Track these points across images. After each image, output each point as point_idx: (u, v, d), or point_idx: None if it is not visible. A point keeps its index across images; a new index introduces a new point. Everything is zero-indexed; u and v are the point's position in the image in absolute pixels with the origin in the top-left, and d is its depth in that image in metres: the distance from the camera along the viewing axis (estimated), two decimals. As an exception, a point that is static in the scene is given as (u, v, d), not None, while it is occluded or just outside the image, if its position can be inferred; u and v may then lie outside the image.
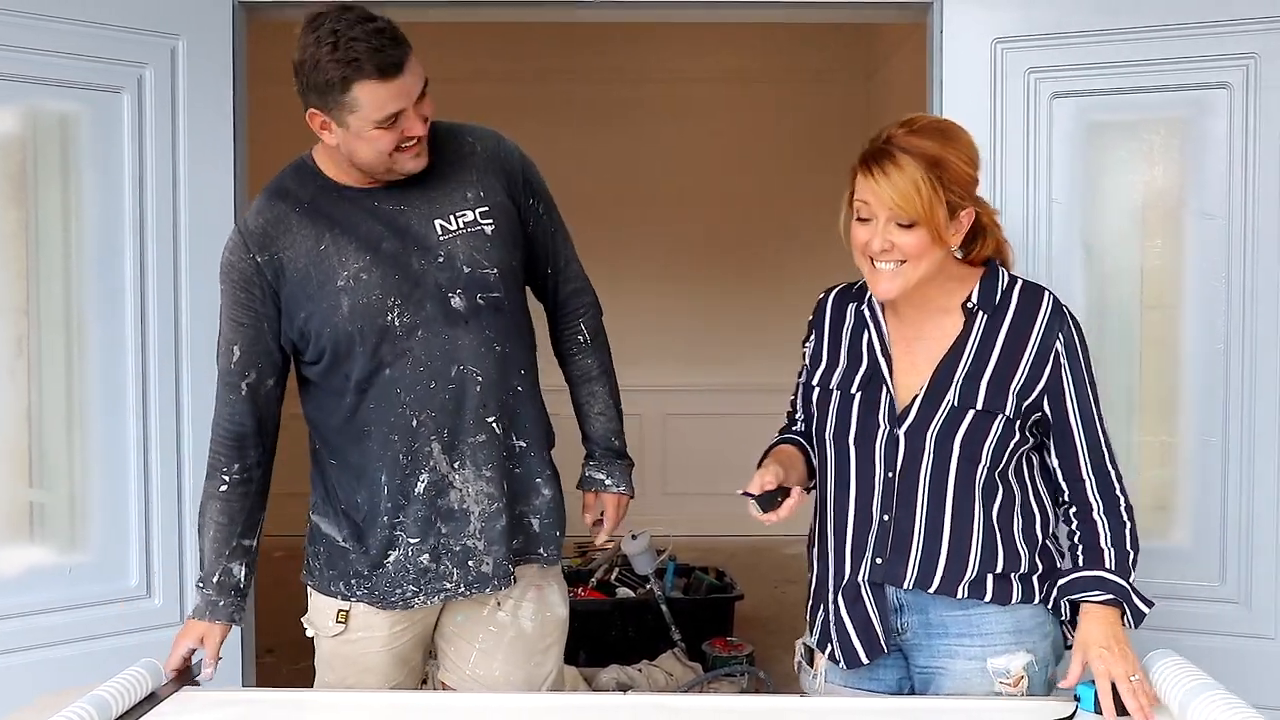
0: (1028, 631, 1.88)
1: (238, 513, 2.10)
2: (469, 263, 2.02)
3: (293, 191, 2.06)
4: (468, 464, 2.05)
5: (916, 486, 1.87)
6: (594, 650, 4.09)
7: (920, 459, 1.86)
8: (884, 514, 1.89)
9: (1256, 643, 2.60)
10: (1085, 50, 2.66)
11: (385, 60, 1.87)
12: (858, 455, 1.91)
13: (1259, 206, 2.58)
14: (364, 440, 2.05)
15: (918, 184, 1.76)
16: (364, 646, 2.12)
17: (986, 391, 1.83)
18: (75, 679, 1.96)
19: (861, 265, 1.86)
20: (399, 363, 2.01)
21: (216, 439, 2.10)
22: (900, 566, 1.88)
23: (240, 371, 2.06)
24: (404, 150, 1.96)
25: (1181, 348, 2.68)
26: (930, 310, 1.89)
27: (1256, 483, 2.60)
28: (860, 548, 1.92)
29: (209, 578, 2.09)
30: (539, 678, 2.19)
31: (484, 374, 2.04)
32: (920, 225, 1.78)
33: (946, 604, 1.88)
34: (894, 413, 1.87)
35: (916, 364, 1.89)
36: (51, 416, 2.65)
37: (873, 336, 1.93)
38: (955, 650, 1.89)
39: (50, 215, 2.64)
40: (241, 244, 2.04)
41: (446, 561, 2.06)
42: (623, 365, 2.33)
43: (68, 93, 2.62)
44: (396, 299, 2.00)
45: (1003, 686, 1.86)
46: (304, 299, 2.01)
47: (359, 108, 1.90)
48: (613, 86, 6.53)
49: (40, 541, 2.66)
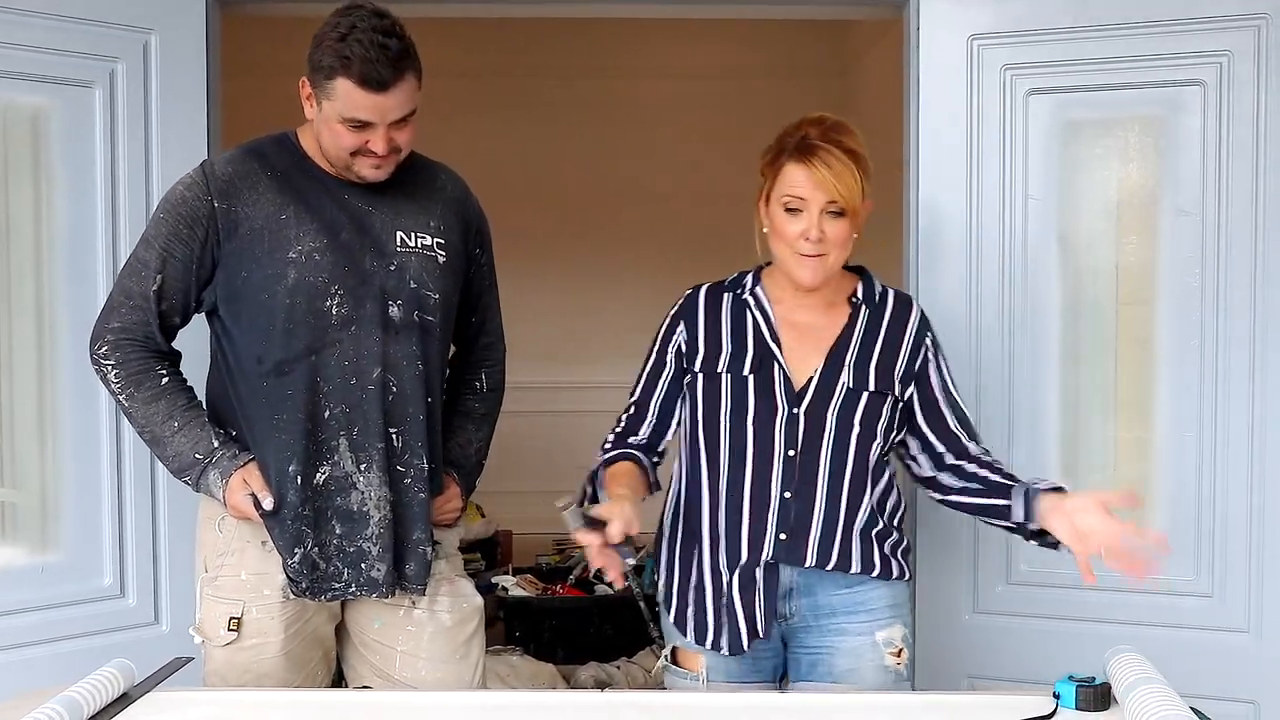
0: (901, 605, 2.07)
1: (192, 394, 2.12)
2: (416, 280, 2.10)
3: (269, 156, 2.11)
4: (374, 468, 2.07)
5: (817, 463, 1.99)
6: (572, 648, 4.09)
7: (821, 437, 1.99)
8: (785, 491, 1.99)
9: (1229, 636, 2.61)
10: (1060, 47, 2.66)
11: (371, 73, 1.94)
12: (756, 435, 2.00)
13: (1232, 203, 2.59)
14: (269, 420, 2.06)
15: (852, 173, 1.95)
16: (259, 653, 2.10)
17: (875, 375, 2.02)
18: (48, 679, 1.94)
19: (783, 255, 2.02)
20: (327, 351, 2.05)
21: (127, 343, 2.08)
22: (801, 543, 1.99)
23: (157, 298, 2.07)
24: (364, 157, 2.02)
25: (1157, 344, 2.69)
26: (817, 301, 2.07)
27: (1230, 478, 2.61)
28: (759, 528, 1.99)
29: (209, 441, 2.08)
30: (467, 670, 2.19)
31: (400, 386, 2.09)
32: (848, 215, 1.97)
33: (834, 584, 2.01)
34: (792, 392, 2.00)
35: (806, 350, 2.03)
36: (22, 414, 2.62)
37: (759, 323, 2.05)
38: (844, 628, 2.01)
39: (21, 211, 2.61)
40: (203, 184, 2.06)
41: (338, 562, 2.08)
42: (600, 362, 2.35)
43: (39, 87, 2.58)
44: (340, 289, 2.05)
45: (890, 659, 2.01)
46: (249, 260, 2.04)
47: (335, 98, 1.98)
48: (589, 82, 6.52)
49: (12, 541, 2.63)
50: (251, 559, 2.11)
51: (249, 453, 2.09)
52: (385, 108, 1.97)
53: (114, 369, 2.09)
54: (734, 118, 6.55)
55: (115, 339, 2.09)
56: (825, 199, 1.96)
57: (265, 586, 2.10)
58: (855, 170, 1.96)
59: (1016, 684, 2.55)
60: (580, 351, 6.40)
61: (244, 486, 2.06)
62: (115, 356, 2.08)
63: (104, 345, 2.09)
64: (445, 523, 2.21)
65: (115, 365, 2.09)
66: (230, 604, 2.10)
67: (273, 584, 2.10)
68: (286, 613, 2.10)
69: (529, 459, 5.68)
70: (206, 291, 2.10)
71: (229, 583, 2.11)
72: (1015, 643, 2.70)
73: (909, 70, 2.81)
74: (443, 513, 2.20)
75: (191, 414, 2.10)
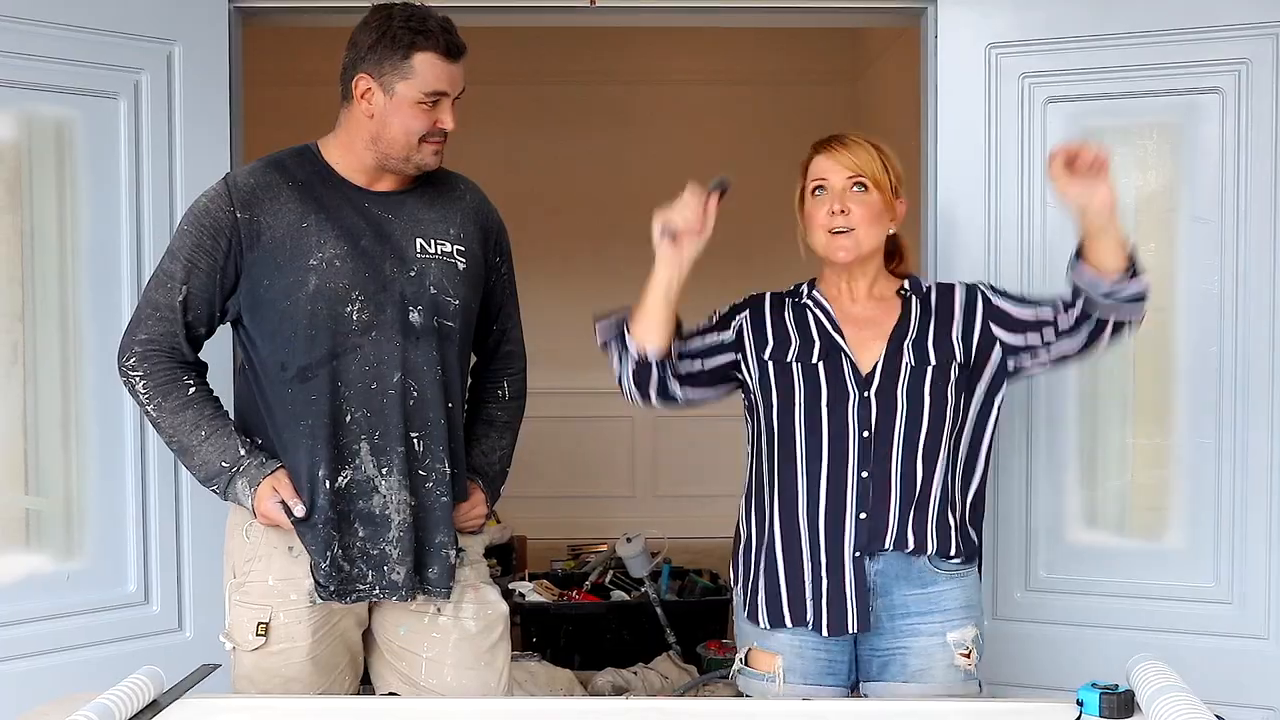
0: (974, 605, 2.12)
1: (218, 404, 2.15)
2: (436, 286, 2.13)
3: (289, 168, 2.15)
4: (395, 472, 2.09)
5: (892, 442, 2.05)
6: (589, 653, 4.10)
7: (893, 416, 2.05)
8: (862, 471, 2.05)
9: (1249, 643, 2.62)
10: (1078, 55, 2.67)
11: (453, 42, 2.07)
12: (830, 420, 2.06)
13: (1250, 210, 2.60)
14: (295, 426, 2.09)
15: (872, 153, 2.11)
16: (287, 657, 2.12)
17: (934, 349, 2.08)
18: (73, 686, 1.96)
19: (819, 241, 2.11)
20: (347, 356, 2.08)
21: (154, 354, 2.11)
22: (881, 522, 2.04)
23: (183, 308, 2.11)
24: (429, 142, 2.09)
25: (1175, 350, 2.69)
26: (872, 299, 2.16)
27: (1249, 484, 2.62)
28: (837, 511, 2.04)
29: (236, 450, 2.10)
30: (493, 676, 2.21)
31: (420, 390, 2.11)
32: (873, 190, 2.08)
33: (910, 584, 2.06)
34: (860, 377, 2.07)
35: (866, 339, 2.10)
36: (47, 423, 2.64)
37: (821, 319, 2.13)
38: (918, 629, 2.06)
39: (46, 221, 2.63)
40: (225, 195, 2.11)
41: (362, 564, 2.10)
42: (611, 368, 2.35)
43: (63, 98, 2.61)
44: (360, 294, 2.09)
45: (960, 659, 2.06)
46: (272, 268, 2.08)
47: (413, 75, 2.05)
48: (600, 88, 6.54)
49: (37, 549, 2.65)
50: (278, 565, 2.13)
51: (277, 460, 2.11)
52: (458, 79, 2.09)
53: (142, 380, 2.11)
54: (748, 123, 6.57)
55: (143, 350, 2.12)
56: (846, 174, 2.09)
57: (292, 591, 2.12)
58: (875, 151, 2.11)
59: (1036, 690, 2.56)
60: (591, 358, 6.37)
61: (273, 494, 2.08)
62: (143, 368, 2.11)
63: (132, 356, 2.12)
64: (470, 529, 2.23)
65: (143, 376, 2.11)
66: (258, 609, 2.12)
67: (299, 589, 2.12)
68: (313, 618, 2.12)
69: (544, 465, 5.70)
70: (231, 301, 2.13)
71: (256, 588, 2.13)
72: (1034, 650, 2.71)
73: (927, 79, 2.82)
74: (467, 519, 2.22)
75: (218, 423, 2.12)
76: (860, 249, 2.10)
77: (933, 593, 2.07)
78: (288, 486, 2.08)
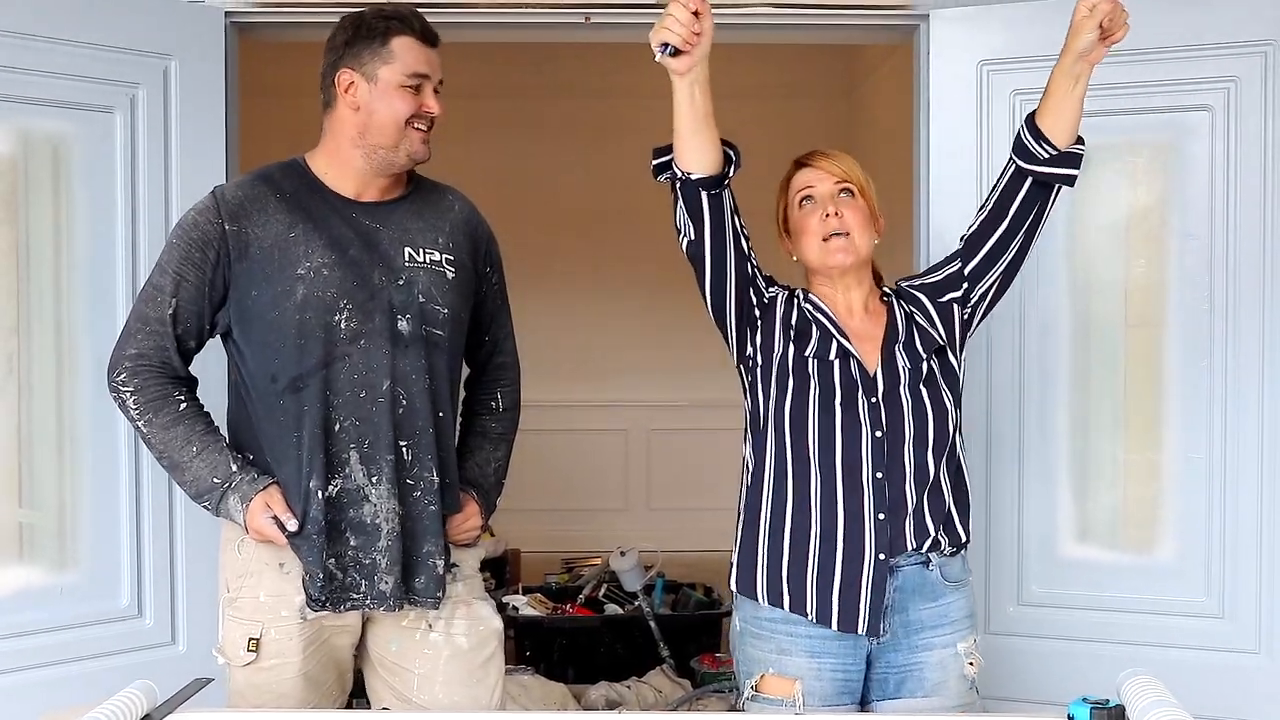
0: (974, 613, 2.15)
1: (209, 420, 2.15)
2: (425, 294, 2.14)
3: (277, 180, 2.16)
4: (384, 481, 2.09)
5: (902, 441, 2.05)
6: (582, 667, 4.09)
7: (901, 416, 2.05)
8: (876, 472, 2.04)
9: (1239, 657, 2.63)
10: (1069, 73, 2.69)
11: (427, 28, 2.12)
12: (844, 418, 2.05)
13: (1240, 227, 2.62)
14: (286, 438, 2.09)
15: (854, 162, 2.13)
16: (278, 673, 2.12)
17: (920, 343, 2.10)
18: (66, 700, 1.95)
19: (813, 251, 2.11)
20: (337, 365, 2.08)
21: (144, 369, 2.11)
22: (899, 521, 2.03)
23: (173, 322, 2.11)
24: (417, 129, 2.10)
25: (1165, 366, 2.71)
26: (860, 306, 2.16)
27: (1240, 499, 2.64)
28: (856, 514, 2.03)
29: (228, 466, 2.10)
30: (484, 693, 2.20)
31: (409, 399, 2.11)
32: (859, 196, 2.10)
33: (923, 598, 2.07)
34: (867, 378, 2.07)
35: (865, 348, 2.10)
36: (41, 436, 2.65)
37: (824, 320, 2.12)
38: (931, 642, 2.07)
39: (42, 234, 2.64)
40: (214, 208, 2.11)
41: (354, 573, 2.10)
42: (607, 380, 2.36)
43: (60, 113, 2.62)
44: (349, 303, 2.09)
45: (968, 669, 2.08)
46: (260, 278, 2.08)
47: (394, 59, 2.08)
48: (594, 101, 6.55)
49: (30, 562, 2.65)
50: (269, 581, 2.12)
51: (269, 476, 2.11)
52: (437, 64, 2.13)
53: (132, 395, 2.11)
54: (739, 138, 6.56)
55: (133, 365, 2.11)
56: (833, 180, 2.11)
57: (283, 608, 2.12)
58: (855, 162, 2.14)
59: (1028, 705, 2.57)
60: (584, 369, 6.40)
61: (266, 510, 2.07)
62: (134, 383, 2.11)
63: (122, 372, 2.12)
64: (464, 542, 2.23)
65: (133, 391, 2.11)
66: (249, 625, 2.12)
67: (290, 605, 2.11)
68: (304, 634, 2.12)
69: (538, 478, 5.69)
70: (220, 314, 2.13)
71: (248, 604, 2.13)
72: (1026, 664, 2.72)
73: (919, 95, 2.84)
74: (461, 531, 2.21)
75: (209, 439, 2.12)
76: (859, 252, 2.09)
77: (942, 605, 2.08)
78: (280, 502, 2.08)
